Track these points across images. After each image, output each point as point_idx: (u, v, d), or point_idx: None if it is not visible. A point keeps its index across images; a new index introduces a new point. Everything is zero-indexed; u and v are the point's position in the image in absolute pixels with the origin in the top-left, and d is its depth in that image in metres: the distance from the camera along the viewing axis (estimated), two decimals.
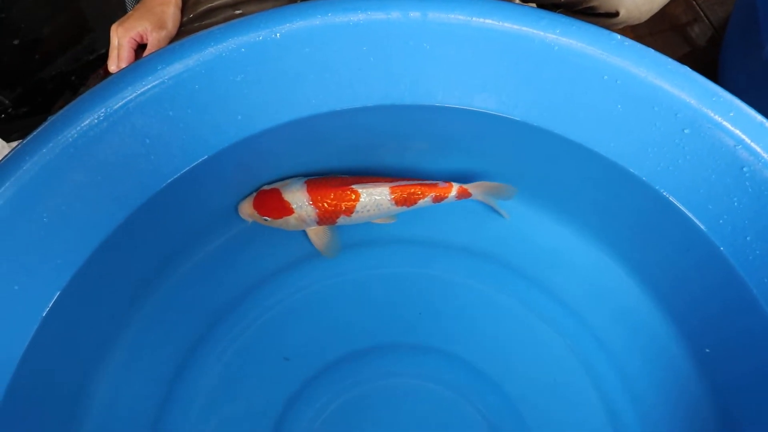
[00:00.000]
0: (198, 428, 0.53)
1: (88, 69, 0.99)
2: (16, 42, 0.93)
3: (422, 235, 0.58)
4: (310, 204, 0.53)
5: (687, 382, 0.51)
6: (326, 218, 0.54)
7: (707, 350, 0.51)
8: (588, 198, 0.55)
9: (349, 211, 0.53)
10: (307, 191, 0.53)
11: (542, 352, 0.55)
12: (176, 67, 0.44)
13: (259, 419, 0.53)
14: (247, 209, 0.54)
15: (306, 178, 0.54)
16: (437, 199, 0.54)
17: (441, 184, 0.54)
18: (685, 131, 0.45)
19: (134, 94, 0.44)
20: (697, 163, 0.46)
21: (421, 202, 0.54)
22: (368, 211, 0.53)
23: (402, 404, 0.53)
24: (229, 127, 0.49)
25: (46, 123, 0.44)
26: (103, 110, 0.44)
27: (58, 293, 0.47)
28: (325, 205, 0.53)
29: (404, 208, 0.54)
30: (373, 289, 0.56)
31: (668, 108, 0.45)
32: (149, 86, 0.44)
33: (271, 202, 0.53)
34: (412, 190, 0.53)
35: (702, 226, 0.48)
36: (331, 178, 0.54)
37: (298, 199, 0.53)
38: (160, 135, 0.47)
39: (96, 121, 0.44)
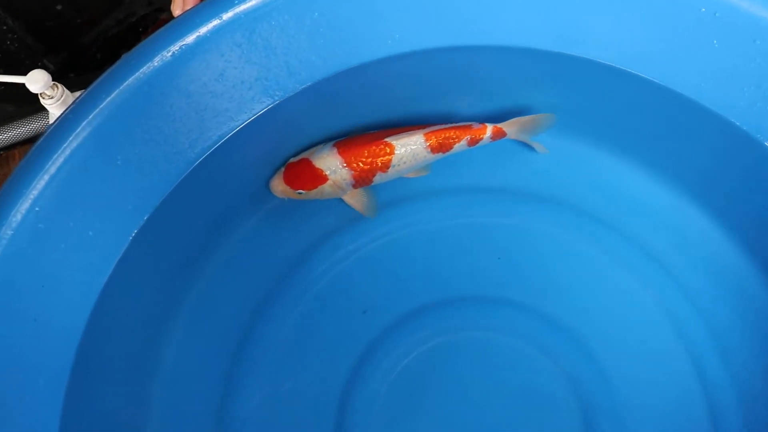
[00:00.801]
0: (270, 381, 0.52)
1: (130, 32, 0.98)
2: (59, 7, 0.93)
3: (499, 183, 0.56)
4: (344, 167, 0.50)
5: None
6: (362, 179, 0.51)
7: None
8: (668, 143, 0.53)
9: (386, 166, 0.51)
10: (339, 153, 0.50)
11: (625, 303, 0.53)
12: (255, 2, 0.42)
13: (332, 374, 0.52)
14: (278, 186, 0.52)
15: (333, 141, 0.52)
16: (472, 142, 0.52)
17: (475, 126, 0.52)
18: None
19: (209, 30, 0.43)
20: None
21: (456, 146, 0.52)
22: (405, 163, 0.51)
23: (479, 358, 0.52)
24: (301, 69, 0.47)
25: (120, 61, 0.43)
26: (178, 46, 0.42)
27: (130, 239, 0.47)
28: (360, 164, 0.50)
29: (440, 155, 0.52)
30: (449, 239, 0.54)
31: None
32: (225, 21, 0.43)
33: (302, 172, 0.51)
34: (447, 134, 0.51)
35: None
36: (359, 136, 0.52)
37: (331, 163, 0.50)
38: (233, 75, 0.45)
39: (171, 57, 0.43)
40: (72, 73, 0.95)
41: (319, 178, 0.51)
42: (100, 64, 0.97)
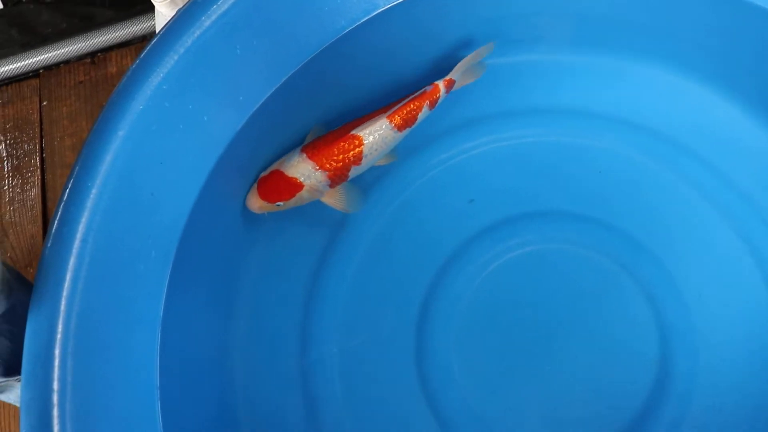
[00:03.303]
0: (362, 266, 0.55)
1: None
2: None
3: (589, 107, 0.57)
4: (318, 170, 0.50)
5: None
6: (338, 177, 0.52)
7: None
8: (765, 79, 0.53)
9: (358, 158, 0.51)
10: (309, 158, 0.50)
11: (706, 231, 0.54)
12: None
13: (419, 272, 0.55)
14: (255, 202, 0.51)
15: (300, 147, 0.52)
16: (432, 105, 0.52)
17: (428, 89, 0.52)
18: None
19: None
20: None
21: (420, 116, 0.52)
22: (376, 150, 0.51)
23: (564, 270, 0.54)
24: None
25: None
26: None
27: (236, 131, 0.49)
28: (333, 163, 0.50)
29: (408, 129, 0.52)
30: (544, 156, 0.56)
31: None
32: None
33: (277, 184, 0.51)
34: (408, 109, 0.51)
35: None
36: (323, 136, 0.52)
37: (303, 169, 0.50)
38: None
39: None
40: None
41: (295, 186, 0.51)
42: None
